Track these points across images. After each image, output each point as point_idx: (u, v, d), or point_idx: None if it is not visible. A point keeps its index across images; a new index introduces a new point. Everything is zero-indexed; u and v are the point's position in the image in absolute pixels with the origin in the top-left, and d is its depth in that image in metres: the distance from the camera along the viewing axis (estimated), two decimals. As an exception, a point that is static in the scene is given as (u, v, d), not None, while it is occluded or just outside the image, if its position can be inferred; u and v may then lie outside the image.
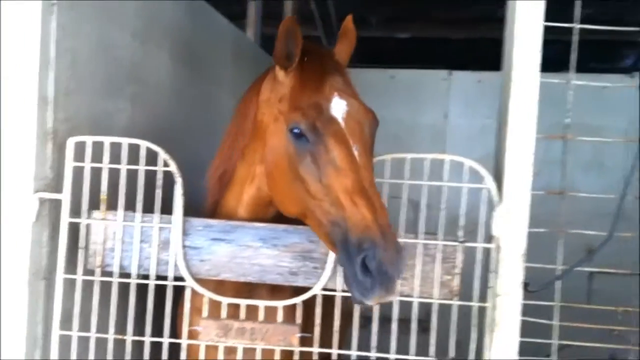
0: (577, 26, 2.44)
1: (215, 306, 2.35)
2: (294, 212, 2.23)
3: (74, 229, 2.36)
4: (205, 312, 2.31)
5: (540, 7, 2.24)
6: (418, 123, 5.77)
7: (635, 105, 5.33)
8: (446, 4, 7.47)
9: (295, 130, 2.12)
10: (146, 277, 2.33)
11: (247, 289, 2.49)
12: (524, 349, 2.22)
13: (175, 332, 2.39)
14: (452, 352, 2.22)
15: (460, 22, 8.26)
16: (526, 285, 2.19)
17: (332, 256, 2.24)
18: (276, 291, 2.44)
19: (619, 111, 5.46)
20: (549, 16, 2.25)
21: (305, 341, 2.30)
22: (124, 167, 2.32)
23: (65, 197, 2.29)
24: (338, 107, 2.15)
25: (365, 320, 3.09)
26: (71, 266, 2.34)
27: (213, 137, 4.14)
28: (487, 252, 2.26)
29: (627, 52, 9.03)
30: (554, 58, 3.01)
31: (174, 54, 3.52)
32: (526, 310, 2.23)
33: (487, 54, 9.37)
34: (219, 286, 2.46)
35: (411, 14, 8.24)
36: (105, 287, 2.35)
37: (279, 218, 2.43)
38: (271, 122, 2.30)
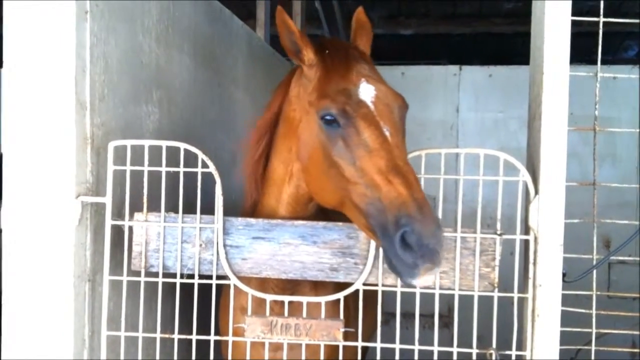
0: (602, 20, 2.49)
1: (258, 304, 2.39)
2: (333, 202, 2.25)
3: (114, 232, 2.39)
4: (249, 309, 2.34)
5: (567, 3, 2.28)
6: (429, 119, 5.79)
7: (643, 96, 5.39)
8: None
9: (327, 117, 2.16)
10: (189, 276, 2.36)
11: (290, 286, 2.53)
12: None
13: (217, 331, 2.42)
14: (493, 344, 2.25)
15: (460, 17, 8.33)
16: (563, 275, 2.23)
17: (372, 251, 2.27)
18: (319, 287, 2.47)
19: (626, 102, 5.52)
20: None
21: (347, 335, 2.33)
22: (164, 170, 2.35)
23: (108, 200, 2.33)
24: (366, 92, 2.19)
25: (389, 315, 3.12)
26: (115, 268, 2.38)
27: (232, 133, 4.19)
28: (522, 244, 2.30)
29: (629, 43, 9.08)
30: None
31: (194, 56, 3.56)
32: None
33: (490, 48, 9.46)
34: (262, 284, 2.50)
35: (411, 11, 8.29)
36: (146, 287, 2.38)
37: (318, 215, 2.47)
38: (303, 115, 2.34)
